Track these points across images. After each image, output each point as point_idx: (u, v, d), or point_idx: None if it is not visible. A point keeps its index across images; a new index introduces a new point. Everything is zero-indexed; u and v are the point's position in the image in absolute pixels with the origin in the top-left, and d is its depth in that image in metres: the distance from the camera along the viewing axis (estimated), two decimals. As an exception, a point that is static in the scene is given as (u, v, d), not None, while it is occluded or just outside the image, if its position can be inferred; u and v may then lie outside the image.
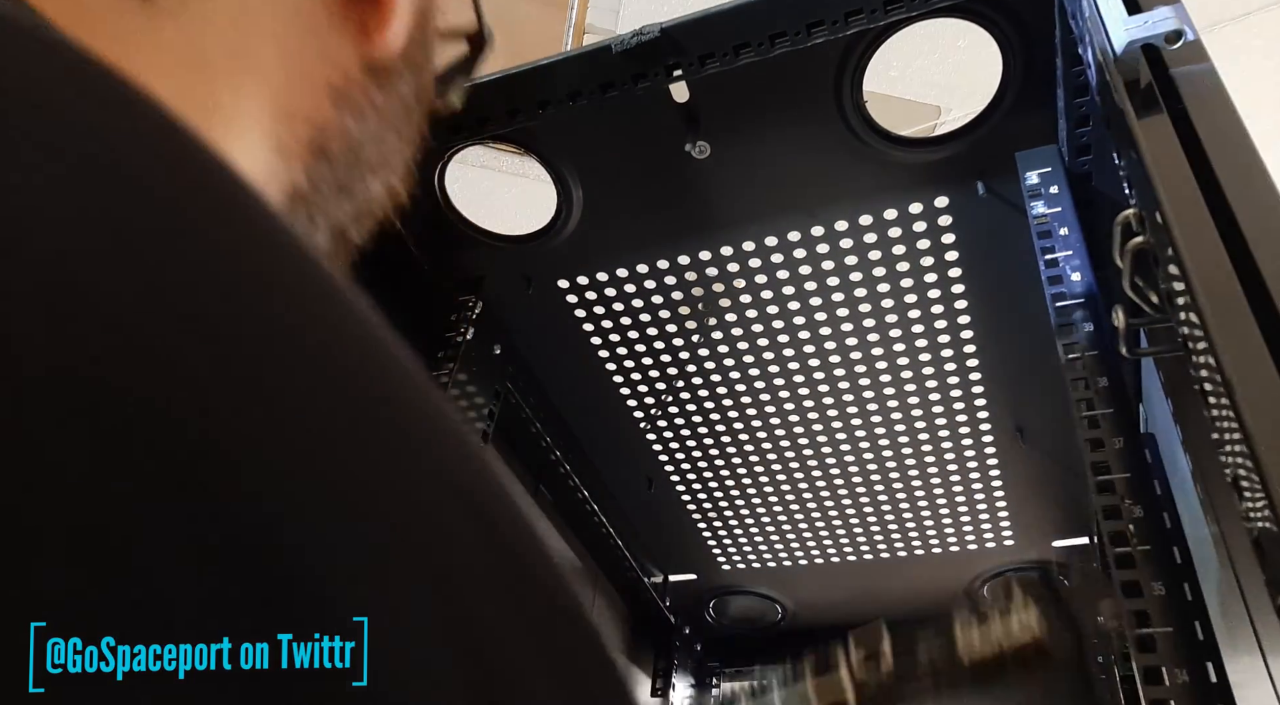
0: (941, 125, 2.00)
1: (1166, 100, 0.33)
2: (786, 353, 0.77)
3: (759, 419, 0.83)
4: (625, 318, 0.77)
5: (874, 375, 0.77)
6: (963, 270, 0.69)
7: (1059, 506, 0.72)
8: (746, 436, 0.86)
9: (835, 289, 0.72)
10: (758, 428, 0.84)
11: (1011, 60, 0.62)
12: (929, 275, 0.70)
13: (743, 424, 0.84)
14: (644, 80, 0.62)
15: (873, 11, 0.57)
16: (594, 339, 0.79)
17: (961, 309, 0.72)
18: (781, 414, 0.82)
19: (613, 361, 0.81)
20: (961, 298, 0.71)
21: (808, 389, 0.80)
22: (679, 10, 0.58)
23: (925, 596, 0.87)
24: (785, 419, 0.83)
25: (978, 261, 0.68)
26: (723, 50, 0.60)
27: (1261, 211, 0.29)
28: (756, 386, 0.80)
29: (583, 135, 0.69)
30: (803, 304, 0.73)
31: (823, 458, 0.86)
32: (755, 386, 0.80)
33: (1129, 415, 0.44)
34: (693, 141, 0.66)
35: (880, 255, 0.69)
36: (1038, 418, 0.68)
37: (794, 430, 0.84)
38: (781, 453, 0.86)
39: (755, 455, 0.87)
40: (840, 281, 0.71)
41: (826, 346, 0.76)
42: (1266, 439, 0.23)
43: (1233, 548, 0.34)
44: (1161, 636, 0.37)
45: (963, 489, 0.81)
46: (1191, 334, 0.29)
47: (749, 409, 0.83)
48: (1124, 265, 0.35)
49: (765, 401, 0.82)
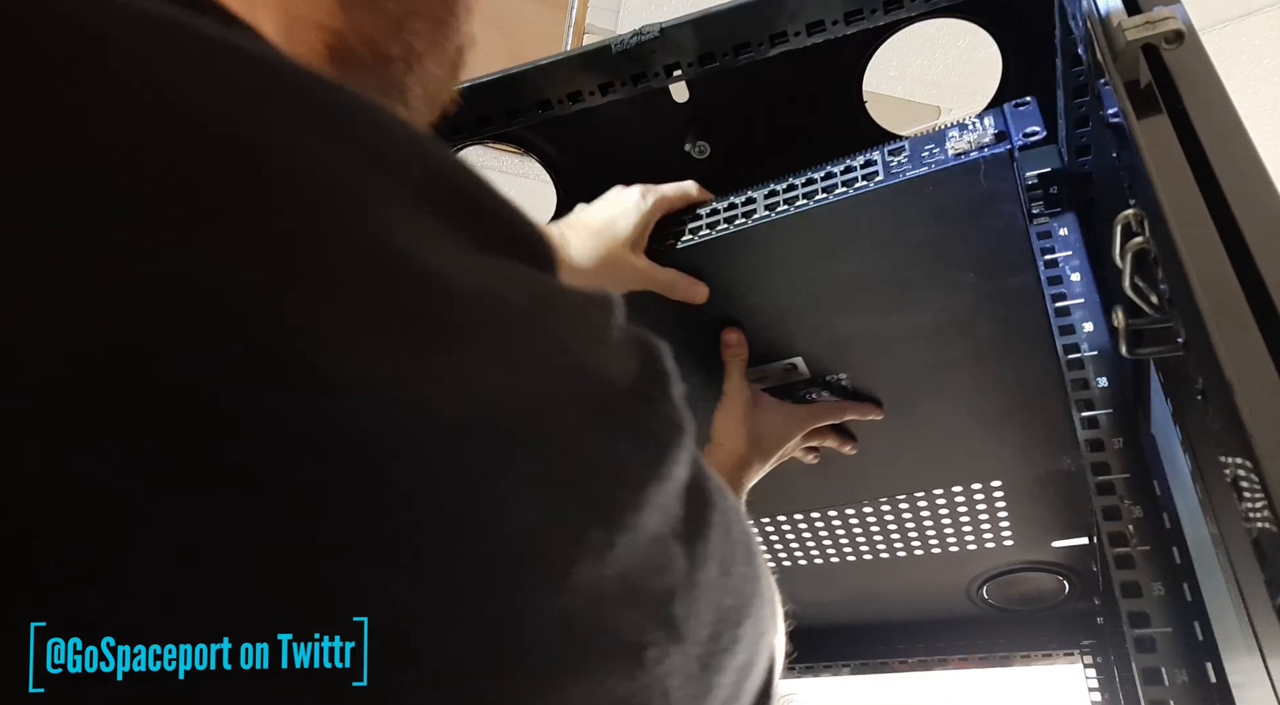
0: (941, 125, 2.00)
1: (1166, 101, 0.33)
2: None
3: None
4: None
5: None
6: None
7: (1059, 507, 0.72)
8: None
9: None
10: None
11: (1011, 60, 0.62)
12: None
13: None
14: (644, 80, 0.62)
15: (873, 12, 0.57)
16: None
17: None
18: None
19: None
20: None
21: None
22: (679, 10, 0.58)
23: (926, 596, 0.87)
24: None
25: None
26: (723, 50, 0.60)
27: (1261, 211, 0.29)
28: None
29: (583, 135, 0.69)
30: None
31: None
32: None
33: (1129, 416, 0.44)
34: (693, 141, 0.66)
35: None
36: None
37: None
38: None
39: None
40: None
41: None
42: (1266, 439, 0.23)
43: (1232, 548, 0.34)
44: (1161, 637, 0.37)
45: (962, 489, 0.81)
46: (1191, 334, 0.29)
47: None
48: (1124, 266, 0.35)
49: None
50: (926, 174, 0.50)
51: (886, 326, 0.59)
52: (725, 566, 0.20)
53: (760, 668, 0.22)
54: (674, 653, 0.17)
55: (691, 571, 0.18)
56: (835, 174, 0.53)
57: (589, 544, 0.15)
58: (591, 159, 0.71)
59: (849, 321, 0.60)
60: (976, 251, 0.53)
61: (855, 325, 0.60)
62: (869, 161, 0.53)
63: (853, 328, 0.60)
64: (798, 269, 0.57)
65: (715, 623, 0.19)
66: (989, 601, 0.85)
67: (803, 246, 0.55)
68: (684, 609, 0.17)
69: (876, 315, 0.59)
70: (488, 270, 0.16)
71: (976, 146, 0.50)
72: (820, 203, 0.53)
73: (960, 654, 0.88)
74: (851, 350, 0.62)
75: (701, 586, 0.18)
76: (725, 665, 0.19)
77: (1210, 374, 0.26)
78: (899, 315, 0.58)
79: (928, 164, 0.50)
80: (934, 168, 0.50)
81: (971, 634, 0.88)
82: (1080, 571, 0.79)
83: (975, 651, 0.88)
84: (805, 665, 0.93)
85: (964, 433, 0.67)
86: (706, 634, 0.18)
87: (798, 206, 0.53)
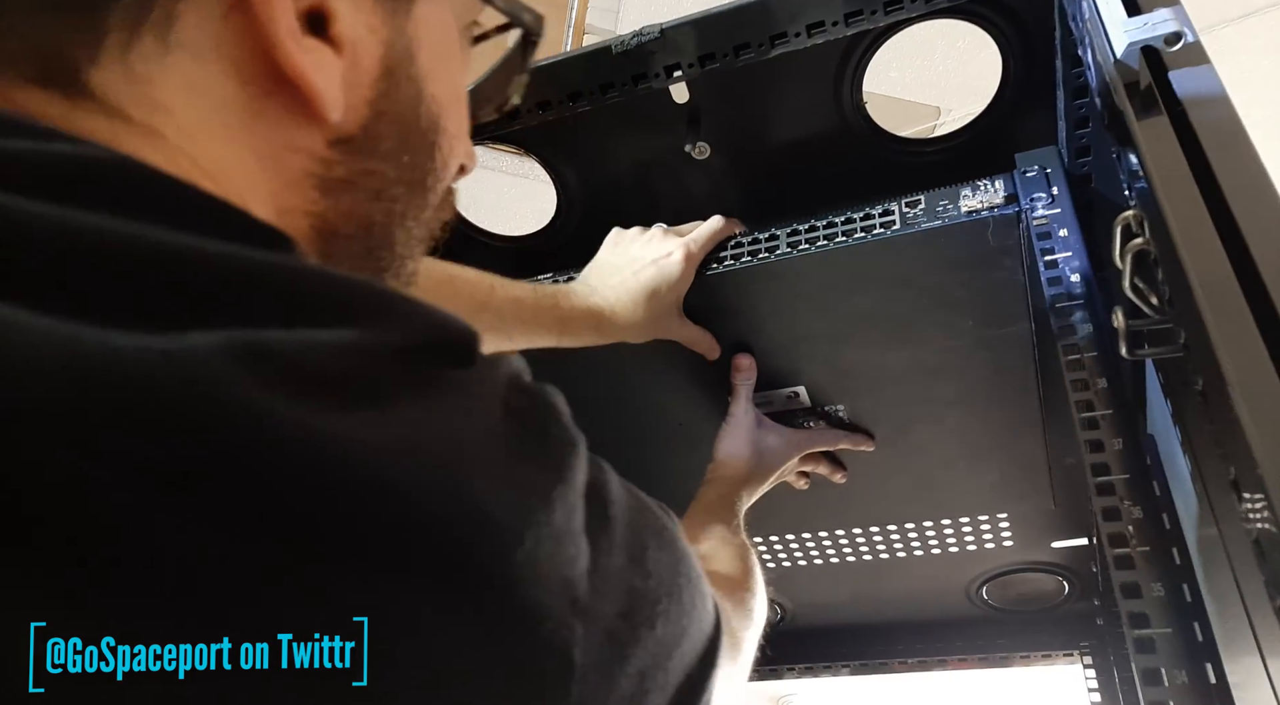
0: (941, 125, 2.00)
1: (1166, 102, 0.33)
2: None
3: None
4: (625, 318, 0.77)
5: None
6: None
7: (1058, 507, 0.72)
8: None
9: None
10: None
11: (1011, 61, 0.62)
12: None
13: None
14: (644, 80, 0.62)
15: (873, 12, 0.57)
16: (594, 339, 0.79)
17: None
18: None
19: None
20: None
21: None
22: (679, 10, 0.58)
23: (925, 596, 0.87)
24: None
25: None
26: (723, 50, 0.60)
27: (1261, 212, 0.29)
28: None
29: (583, 135, 0.69)
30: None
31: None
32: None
33: (1129, 417, 0.44)
34: (693, 141, 0.66)
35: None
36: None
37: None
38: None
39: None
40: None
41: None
42: (1266, 439, 0.23)
43: (1232, 549, 0.34)
44: (1160, 637, 0.37)
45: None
46: (1191, 335, 0.29)
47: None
48: (1124, 267, 0.35)
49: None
50: (939, 227, 0.55)
51: (887, 361, 0.63)
52: (635, 553, 0.24)
53: (694, 639, 0.26)
54: (577, 627, 0.20)
55: (595, 557, 0.21)
56: (855, 220, 0.58)
57: (519, 535, 0.19)
58: (592, 159, 0.71)
59: (853, 354, 0.64)
60: (977, 300, 0.58)
61: (858, 358, 0.64)
62: (886, 211, 0.57)
63: (855, 360, 0.64)
64: (810, 303, 0.61)
65: (625, 601, 0.22)
66: (989, 602, 0.85)
67: (818, 283, 0.60)
68: (587, 590, 0.21)
69: (879, 350, 0.63)
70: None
71: (988, 206, 0.54)
72: (839, 245, 0.57)
73: (960, 655, 0.88)
74: (852, 382, 0.66)
75: (607, 571, 0.22)
76: (641, 637, 0.23)
77: (1210, 374, 0.26)
78: (899, 352, 0.62)
79: (941, 218, 0.55)
80: (946, 222, 0.55)
81: (971, 635, 0.88)
82: (1080, 572, 0.79)
83: (975, 652, 0.88)
84: (805, 665, 0.93)
85: (949, 467, 0.71)
86: (614, 611, 0.22)
87: (818, 246, 0.58)
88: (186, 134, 0.23)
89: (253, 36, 0.24)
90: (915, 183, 0.65)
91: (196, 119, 0.24)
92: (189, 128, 0.23)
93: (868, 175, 0.67)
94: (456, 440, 0.19)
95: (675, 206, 0.71)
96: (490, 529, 0.18)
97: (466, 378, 0.21)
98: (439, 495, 0.18)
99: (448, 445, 0.19)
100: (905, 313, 0.60)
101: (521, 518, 0.19)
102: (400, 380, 0.19)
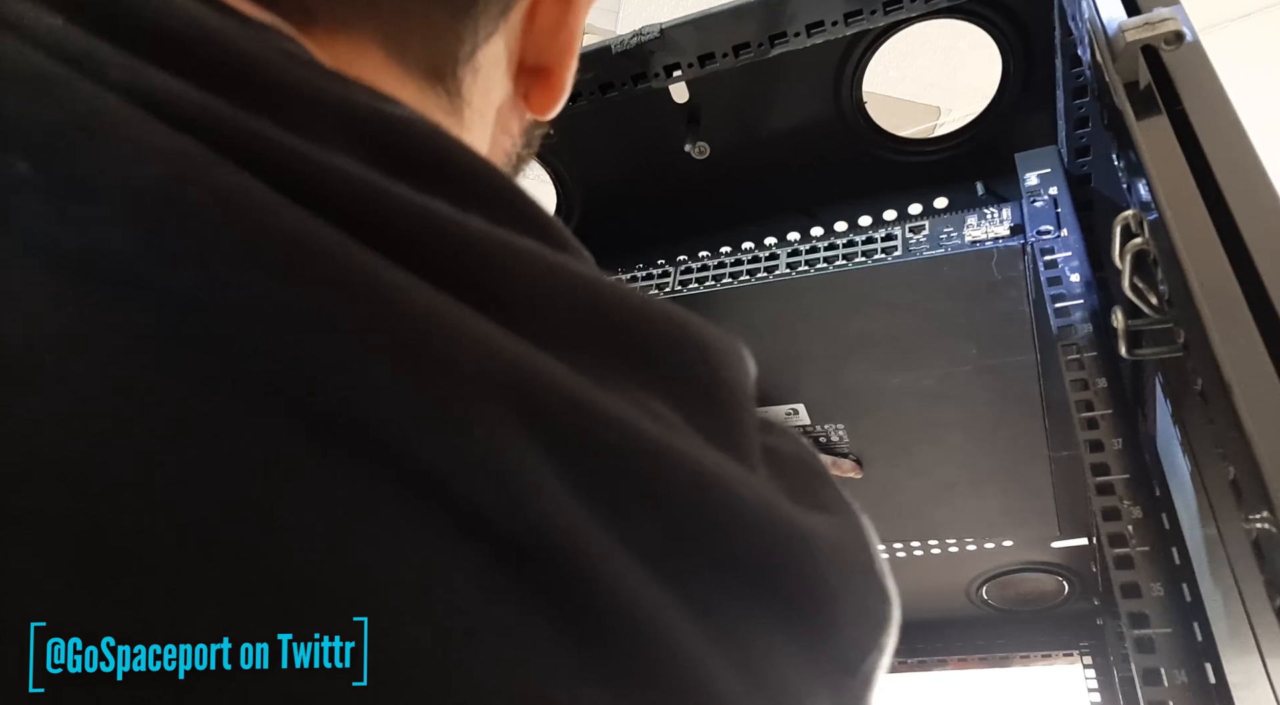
0: (941, 125, 2.00)
1: (1166, 102, 0.33)
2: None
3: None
4: (625, 318, 0.77)
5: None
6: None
7: (1058, 507, 0.72)
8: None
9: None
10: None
11: (1011, 61, 0.62)
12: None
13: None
14: (644, 80, 0.62)
15: (873, 12, 0.57)
16: (594, 339, 0.79)
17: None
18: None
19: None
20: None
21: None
22: (679, 10, 0.58)
23: (925, 596, 0.87)
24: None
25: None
26: (723, 50, 0.60)
27: (1261, 212, 0.29)
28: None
29: (582, 135, 0.68)
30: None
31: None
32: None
33: (1128, 417, 0.44)
34: (693, 141, 0.66)
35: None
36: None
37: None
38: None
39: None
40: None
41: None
42: (1266, 440, 0.23)
43: (1231, 549, 0.34)
44: (1160, 637, 0.37)
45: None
46: (1191, 335, 0.29)
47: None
48: (1123, 267, 0.35)
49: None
50: (942, 255, 0.54)
51: (888, 384, 0.63)
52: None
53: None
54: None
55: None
56: (857, 243, 0.57)
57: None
58: (591, 159, 0.71)
59: (853, 375, 0.63)
60: (981, 328, 0.57)
61: (859, 379, 0.64)
62: (889, 236, 0.57)
63: (856, 381, 0.64)
64: (810, 322, 0.61)
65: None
66: (988, 602, 0.85)
67: (817, 303, 0.59)
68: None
69: (880, 372, 0.62)
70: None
71: (992, 237, 0.53)
72: (839, 268, 0.57)
73: (959, 654, 0.88)
74: (852, 402, 0.66)
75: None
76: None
77: (1210, 374, 0.26)
78: (901, 375, 0.62)
79: (945, 246, 0.54)
80: (950, 251, 0.54)
81: (971, 634, 0.88)
82: (1080, 572, 0.79)
83: (975, 652, 0.88)
84: (805, 665, 0.93)
85: (947, 492, 0.70)
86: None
87: (817, 269, 0.57)
88: (469, 127, 0.24)
89: (549, 18, 0.24)
90: (915, 182, 0.65)
91: (482, 108, 0.24)
92: (473, 121, 0.24)
93: (868, 175, 0.67)
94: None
95: (675, 206, 0.72)
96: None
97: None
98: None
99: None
100: (907, 336, 0.59)
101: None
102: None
